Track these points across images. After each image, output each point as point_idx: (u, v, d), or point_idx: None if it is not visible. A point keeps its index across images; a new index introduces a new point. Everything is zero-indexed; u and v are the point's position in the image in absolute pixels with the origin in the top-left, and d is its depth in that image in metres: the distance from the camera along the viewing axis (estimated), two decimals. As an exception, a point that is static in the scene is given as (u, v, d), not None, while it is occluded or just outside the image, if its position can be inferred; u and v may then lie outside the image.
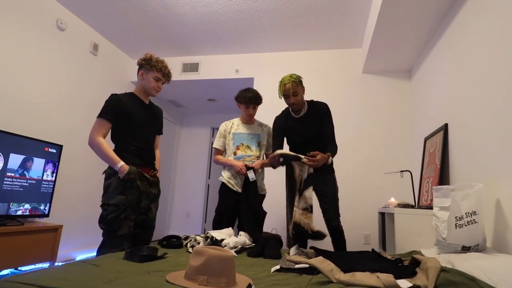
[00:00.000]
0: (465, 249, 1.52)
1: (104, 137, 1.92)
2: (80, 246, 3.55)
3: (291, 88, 2.22)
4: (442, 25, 2.68)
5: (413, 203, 2.72)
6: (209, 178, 5.87)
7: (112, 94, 1.99)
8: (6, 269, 2.48)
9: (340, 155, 3.40)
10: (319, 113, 2.33)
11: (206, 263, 1.06)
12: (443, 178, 2.40)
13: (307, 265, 1.35)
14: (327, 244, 2.32)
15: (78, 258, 3.44)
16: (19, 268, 2.62)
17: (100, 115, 1.92)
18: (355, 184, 3.52)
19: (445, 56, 2.60)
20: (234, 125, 2.62)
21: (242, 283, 1.08)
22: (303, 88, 2.31)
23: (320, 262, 1.33)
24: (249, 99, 2.51)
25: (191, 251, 1.72)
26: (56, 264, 2.76)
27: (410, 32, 2.88)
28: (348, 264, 1.31)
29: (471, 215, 1.53)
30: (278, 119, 2.48)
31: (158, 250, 1.51)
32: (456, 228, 1.52)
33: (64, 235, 2.98)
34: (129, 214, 1.84)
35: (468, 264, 1.15)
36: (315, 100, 2.41)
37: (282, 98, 2.33)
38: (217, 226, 2.41)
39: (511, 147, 1.62)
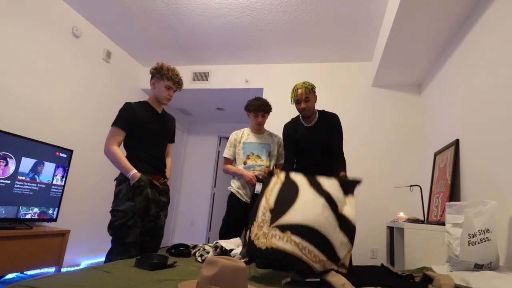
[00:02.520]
0: (478, 267, 1.50)
1: (119, 145, 1.96)
2: (86, 252, 3.55)
3: (304, 93, 2.24)
4: (454, 41, 2.69)
5: (422, 218, 2.69)
6: (214, 186, 5.86)
7: (125, 103, 2.02)
8: (12, 273, 2.48)
9: (349, 168, 3.37)
10: (330, 123, 2.32)
11: (219, 273, 1.05)
12: (454, 194, 2.37)
13: (318, 279, 1.34)
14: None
15: (83, 264, 3.44)
16: (24, 272, 2.63)
17: (114, 124, 1.95)
18: (363, 197, 3.47)
19: (457, 71, 2.60)
20: (244, 135, 2.64)
21: (254, 295, 1.07)
22: (315, 96, 2.31)
23: (332, 276, 1.32)
24: (257, 106, 2.53)
25: (199, 260, 1.71)
26: (62, 269, 2.76)
27: (421, 47, 2.90)
28: (359, 279, 1.29)
29: (484, 232, 1.51)
30: (288, 127, 2.46)
31: (168, 258, 1.51)
32: (469, 245, 1.50)
33: (71, 240, 2.98)
34: (137, 222, 1.85)
35: (484, 283, 1.13)
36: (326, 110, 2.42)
37: (294, 104, 2.33)
38: (223, 236, 2.40)
39: (526, 165, 1.60)
